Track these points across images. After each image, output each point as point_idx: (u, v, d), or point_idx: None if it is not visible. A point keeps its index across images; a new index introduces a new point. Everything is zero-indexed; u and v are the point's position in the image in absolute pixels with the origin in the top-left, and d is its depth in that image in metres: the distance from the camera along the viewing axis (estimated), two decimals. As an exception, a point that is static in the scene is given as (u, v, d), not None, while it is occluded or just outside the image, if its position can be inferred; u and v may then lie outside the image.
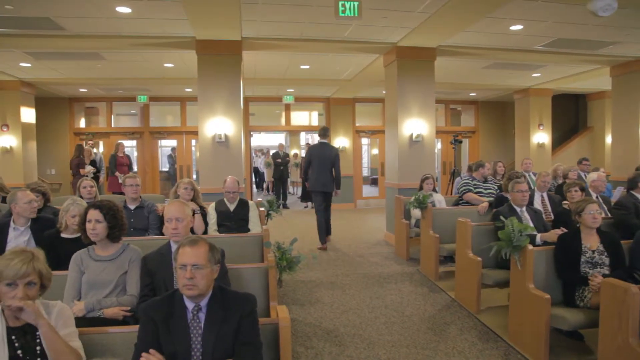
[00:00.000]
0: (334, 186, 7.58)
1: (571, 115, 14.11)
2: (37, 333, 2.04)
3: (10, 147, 9.71)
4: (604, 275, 3.43)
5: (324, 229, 7.63)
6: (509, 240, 3.75)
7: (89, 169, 9.84)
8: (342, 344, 3.96)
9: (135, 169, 13.15)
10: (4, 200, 5.14)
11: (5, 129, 9.68)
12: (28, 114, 10.16)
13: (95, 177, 9.86)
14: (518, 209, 4.75)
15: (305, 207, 12.90)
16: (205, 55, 7.14)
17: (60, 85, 10.63)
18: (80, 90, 11.57)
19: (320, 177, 7.51)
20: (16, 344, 1.99)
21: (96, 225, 2.91)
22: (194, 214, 4.28)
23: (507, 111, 14.12)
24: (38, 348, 2.02)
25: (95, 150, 11.03)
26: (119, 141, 10.60)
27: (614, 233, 4.10)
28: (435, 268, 5.81)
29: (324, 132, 7.78)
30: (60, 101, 12.20)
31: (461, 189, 6.55)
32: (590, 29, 6.70)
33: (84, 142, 11.37)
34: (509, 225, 3.77)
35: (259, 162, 17.78)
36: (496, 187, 6.50)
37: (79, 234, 3.12)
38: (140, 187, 4.73)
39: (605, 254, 3.66)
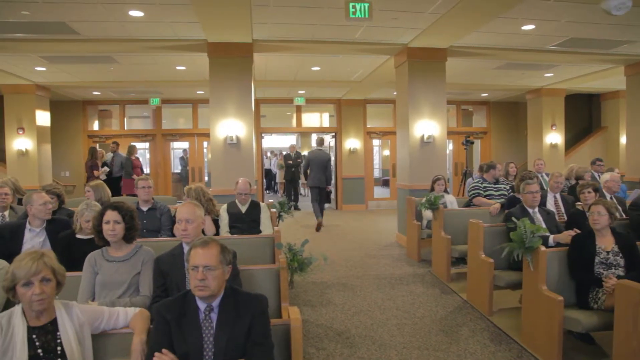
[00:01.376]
0: (327, 181, 9.79)
1: (584, 115, 13.94)
2: (58, 333, 2.08)
3: (26, 149, 9.86)
4: (619, 277, 3.39)
5: (318, 210, 9.71)
6: (521, 242, 3.72)
7: (104, 170, 9.93)
8: (353, 345, 3.96)
9: (147, 170, 13.27)
10: (19, 202, 5.21)
11: (20, 132, 9.83)
12: (43, 117, 10.32)
13: (109, 180, 9.95)
14: (530, 210, 4.71)
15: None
16: (216, 58, 7.19)
17: (74, 88, 10.78)
18: (94, 93, 11.73)
19: (317, 176, 9.63)
20: (37, 343, 2.03)
21: (115, 226, 2.94)
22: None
23: (519, 111, 14.00)
24: (59, 348, 2.06)
25: (110, 152, 11.13)
26: (132, 144, 10.69)
27: (629, 234, 4.05)
28: (447, 269, 5.78)
29: (321, 142, 10.39)
30: (74, 104, 12.37)
31: (471, 193, 6.52)
32: (603, 28, 6.62)
33: (105, 144, 11.50)
34: (521, 227, 3.74)
35: (271, 164, 17.82)
36: (508, 188, 6.46)
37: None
38: (152, 189, 4.79)
39: (620, 255, 3.62)
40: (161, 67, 8.99)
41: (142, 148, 14.43)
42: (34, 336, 2.03)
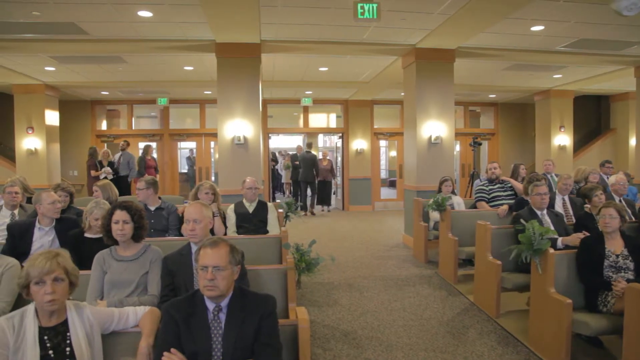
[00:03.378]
0: (314, 177, 12.27)
1: (593, 116, 13.85)
2: (68, 334, 2.08)
3: (35, 149, 9.95)
4: (629, 280, 3.36)
5: (307, 203, 12.38)
6: (529, 244, 3.70)
7: (106, 170, 9.97)
8: (360, 346, 3.96)
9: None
10: (28, 200, 5.25)
11: (30, 131, 9.92)
12: (52, 117, 10.40)
13: (115, 179, 9.97)
14: (538, 212, 4.69)
15: (322, 211, 12.90)
16: (224, 58, 7.21)
17: (83, 88, 10.86)
18: (102, 93, 11.81)
19: (306, 173, 12.13)
20: (48, 345, 2.03)
21: (124, 226, 2.94)
22: (214, 216, 4.31)
23: (527, 113, 13.93)
24: (68, 349, 2.06)
25: (119, 151, 11.16)
26: (148, 144, 10.79)
27: (639, 237, 4.02)
28: (454, 271, 5.76)
29: (309, 145, 12.63)
30: (83, 104, 12.46)
31: (476, 196, 6.48)
32: (613, 28, 6.58)
33: (113, 144, 11.57)
34: (529, 229, 3.72)
35: (278, 165, 17.81)
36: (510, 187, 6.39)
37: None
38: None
39: (630, 258, 3.59)
40: (169, 67, 9.04)
41: (150, 148, 14.49)
42: (46, 337, 2.03)
